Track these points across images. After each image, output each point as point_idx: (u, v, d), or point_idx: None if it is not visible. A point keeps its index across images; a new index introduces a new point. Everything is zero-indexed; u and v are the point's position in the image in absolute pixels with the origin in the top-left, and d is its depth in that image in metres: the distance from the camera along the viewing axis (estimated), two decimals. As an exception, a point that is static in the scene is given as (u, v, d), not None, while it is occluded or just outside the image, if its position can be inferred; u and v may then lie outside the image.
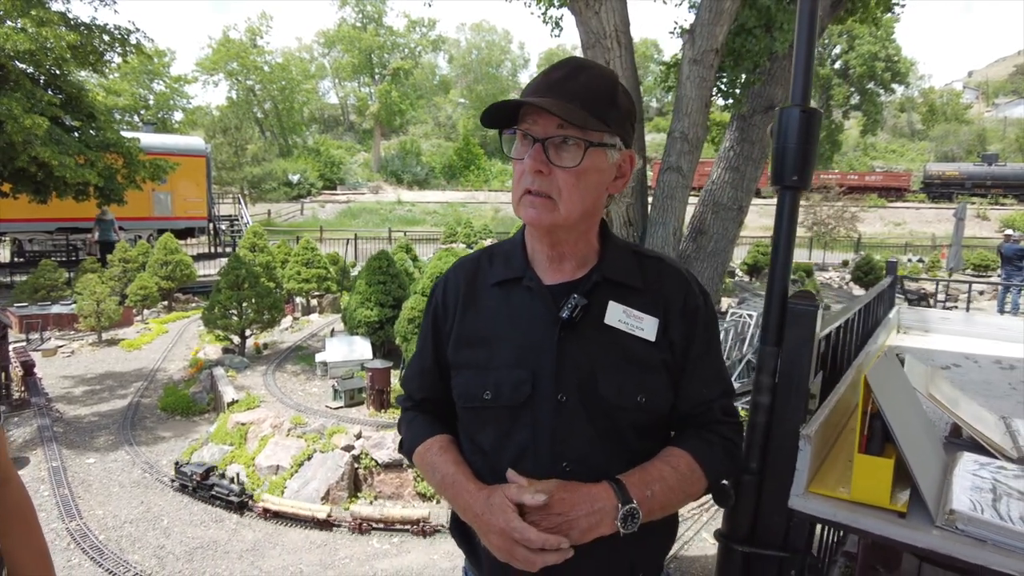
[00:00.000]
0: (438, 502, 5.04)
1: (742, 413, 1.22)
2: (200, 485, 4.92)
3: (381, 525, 4.60)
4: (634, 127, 1.10)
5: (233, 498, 4.76)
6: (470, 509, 1.03)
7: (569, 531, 0.94)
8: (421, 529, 4.53)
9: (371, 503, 4.98)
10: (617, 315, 1.07)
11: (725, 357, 7.73)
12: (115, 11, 12.36)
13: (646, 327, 1.07)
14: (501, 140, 1.07)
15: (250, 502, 4.81)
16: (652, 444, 1.11)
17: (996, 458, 1.34)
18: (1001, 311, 11.93)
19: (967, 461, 1.29)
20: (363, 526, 4.55)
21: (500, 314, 1.12)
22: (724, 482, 1.16)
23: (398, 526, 4.58)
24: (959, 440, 1.49)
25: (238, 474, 5.11)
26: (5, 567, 1.08)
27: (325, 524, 4.60)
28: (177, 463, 5.29)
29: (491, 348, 1.10)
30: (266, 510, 4.72)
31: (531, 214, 1.03)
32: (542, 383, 1.05)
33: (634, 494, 0.98)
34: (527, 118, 1.03)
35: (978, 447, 1.39)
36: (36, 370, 7.52)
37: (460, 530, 1.19)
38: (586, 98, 1.00)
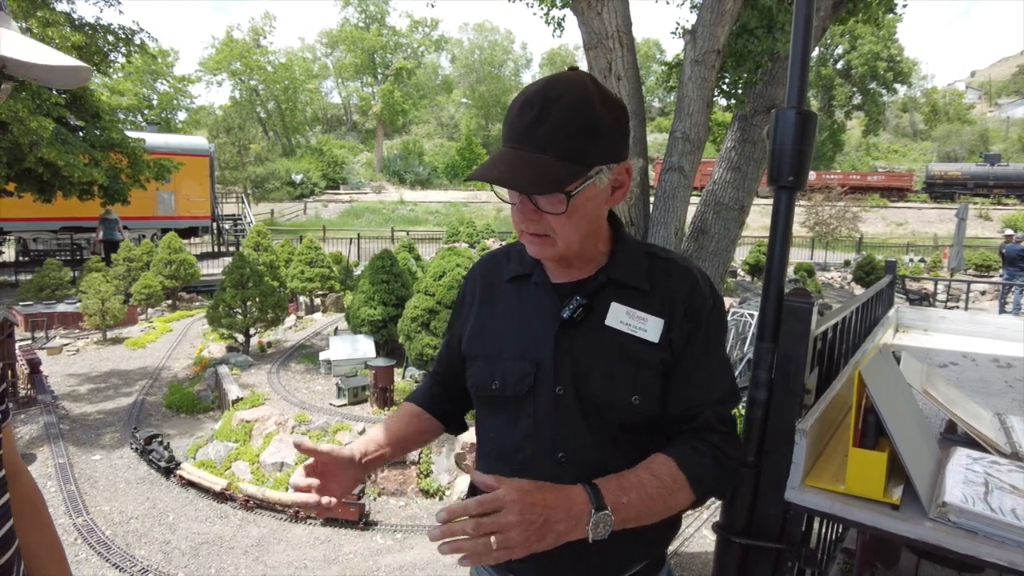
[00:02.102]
0: (440, 499, 5.08)
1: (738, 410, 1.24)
2: (144, 449, 5.66)
3: (265, 504, 4.93)
4: (627, 135, 1.08)
5: (163, 464, 5.45)
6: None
7: (547, 534, 0.89)
8: (295, 514, 4.80)
9: (375, 499, 5.02)
10: (619, 316, 1.08)
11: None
12: (120, 11, 12.41)
13: (649, 328, 1.07)
14: (492, 187, 1.03)
15: (177, 470, 5.38)
16: (647, 444, 1.09)
17: (989, 453, 1.36)
18: (1002, 311, 11.91)
19: (960, 456, 1.31)
20: (249, 503, 4.92)
21: (511, 309, 1.17)
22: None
23: (278, 507, 4.89)
24: (954, 436, 1.52)
25: (169, 444, 5.85)
26: (23, 560, 1.11)
27: (221, 496, 5.02)
28: (135, 428, 6.06)
29: (501, 341, 1.15)
30: (181, 477, 5.27)
31: (533, 251, 1.08)
32: (543, 376, 1.08)
33: (608, 500, 0.95)
34: None
35: (972, 443, 1.42)
36: (42, 368, 7.57)
37: None
38: (560, 141, 0.97)
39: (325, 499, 1.05)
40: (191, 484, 5.19)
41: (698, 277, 1.12)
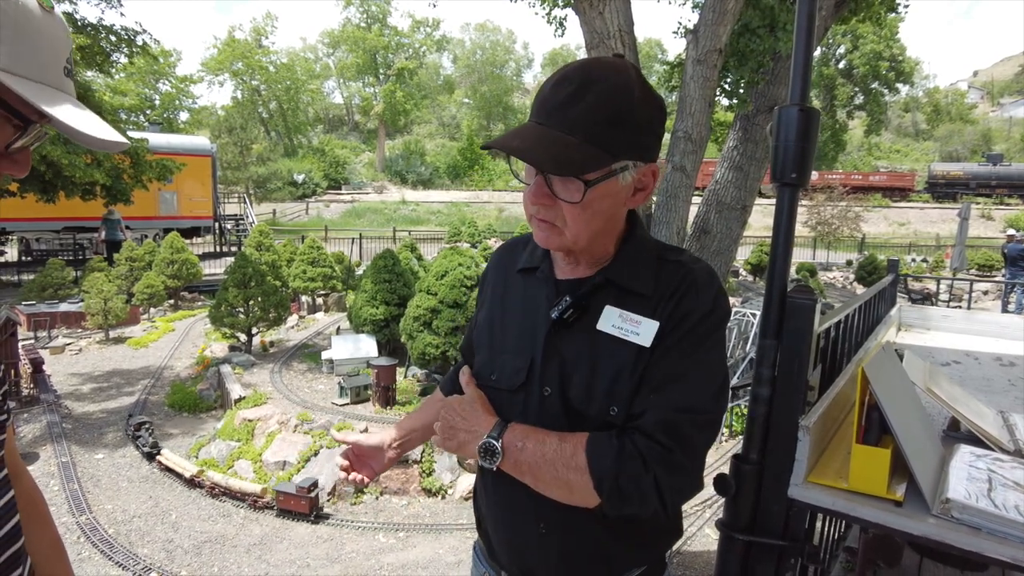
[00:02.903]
0: (443, 498, 5.09)
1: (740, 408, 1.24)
2: (133, 435, 5.99)
3: (229, 493, 5.10)
4: (660, 136, 1.03)
5: (146, 448, 5.74)
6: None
7: (453, 437, 1.06)
8: (253, 503, 4.93)
9: (377, 498, 5.02)
10: (612, 320, 1.02)
11: (728, 355, 7.79)
12: (121, 13, 12.40)
13: (642, 331, 1.00)
14: (509, 161, 0.99)
15: (158, 456, 5.63)
16: None
17: (993, 451, 1.36)
18: (1005, 310, 11.89)
19: (964, 453, 1.31)
20: (215, 490, 5.12)
21: (517, 301, 1.15)
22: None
23: (238, 496, 5.04)
24: (957, 433, 1.52)
25: (154, 430, 6.12)
26: (29, 559, 1.12)
27: (191, 483, 5.23)
28: (129, 415, 6.37)
29: (504, 332, 1.14)
30: (160, 463, 5.55)
31: (540, 238, 1.03)
32: (533, 373, 1.07)
33: (506, 438, 1.00)
34: None
35: (975, 440, 1.42)
36: (44, 367, 7.58)
37: (476, 506, 1.29)
38: (590, 125, 0.92)
39: (353, 475, 1.33)
40: (168, 470, 5.44)
41: (699, 280, 1.03)
